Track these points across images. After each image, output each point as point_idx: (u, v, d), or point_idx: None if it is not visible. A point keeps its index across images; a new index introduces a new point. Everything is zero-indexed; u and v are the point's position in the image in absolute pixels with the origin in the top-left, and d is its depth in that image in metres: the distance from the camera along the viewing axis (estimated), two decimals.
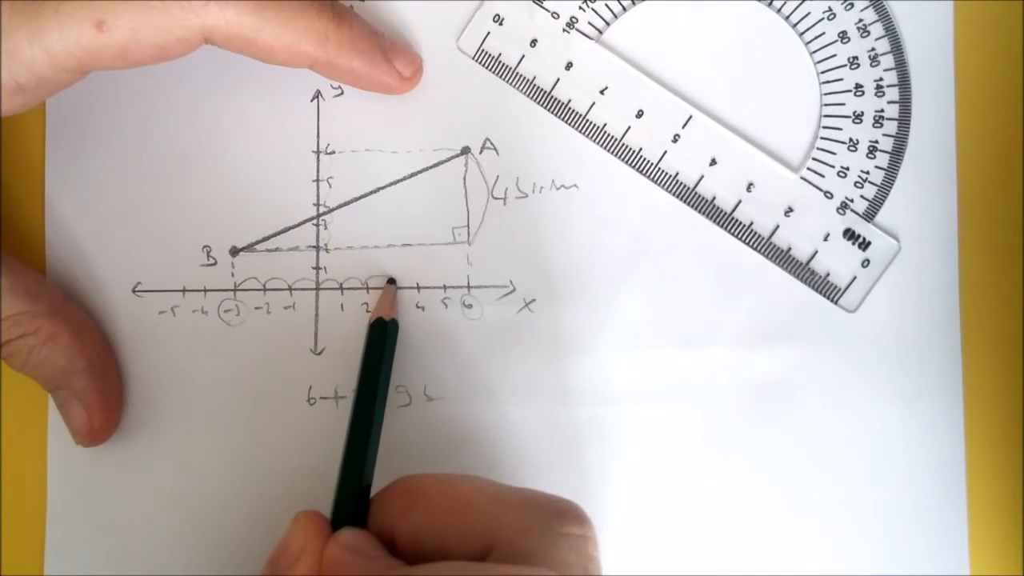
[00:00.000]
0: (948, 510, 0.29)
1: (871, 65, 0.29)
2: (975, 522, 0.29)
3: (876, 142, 0.29)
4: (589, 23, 0.30)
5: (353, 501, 0.25)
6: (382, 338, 0.28)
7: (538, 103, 0.30)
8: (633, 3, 0.30)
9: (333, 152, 0.30)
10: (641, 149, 0.30)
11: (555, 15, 0.30)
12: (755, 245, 0.30)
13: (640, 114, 0.30)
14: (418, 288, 0.29)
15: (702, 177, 0.30)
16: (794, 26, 0.30)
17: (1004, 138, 0.30)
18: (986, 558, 0.29)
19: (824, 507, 0.29)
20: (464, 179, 0.30)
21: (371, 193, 0.30)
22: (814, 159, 0.30)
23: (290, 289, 0.30)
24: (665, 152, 0.30)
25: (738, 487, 0.29)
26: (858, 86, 0.30)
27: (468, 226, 0.30)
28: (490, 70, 0.30)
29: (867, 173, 0.29)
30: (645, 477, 0.29)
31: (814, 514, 0.29)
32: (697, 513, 0.29)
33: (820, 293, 0.30)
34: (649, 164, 0.30)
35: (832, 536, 0.29)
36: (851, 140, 0.30)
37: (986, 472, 0.29)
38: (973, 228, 0.30)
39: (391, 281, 0.29)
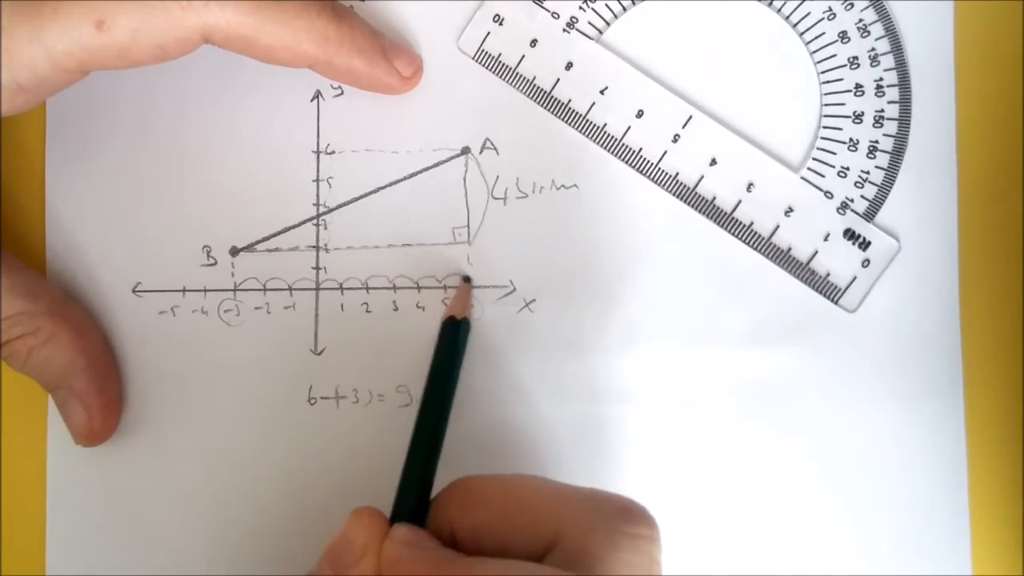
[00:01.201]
0: (949, 510, 0.29)
1: (871, 65, 0.29)
2: (976, 522, 0.29)
3: (876, 142, 0.29)
4: (589, 23, 0.30)
5: (415, 499, 0.25)
6: (454, 337, 0.28)
7: (538, 103, 0.30)
8: (633, 3, 0.30)
9: (333, 152, 0.30)
10: (641, 149, 0.30)
11: (555, 15, 0.30)
12: (755, 245, 0.30)
13: (640, 114, 0.30)
14: (418, 288, 0.29)
15: (702, 177, 0.30)
16: (794, 26, 0.30)
17: (1004, 138, 0.30)
18: (988, 558, 0.29)
19: (824, 507, 0.29)
20: (464, 179, 0.30)
21: (371, 193, 0.30)
22: (814, 159, 0.30)
23: (290, 289, 0.30)
24: (665, 152, 0.30)
25: (738, 487, 0.29)
26: (858, 86, 0.30)
27: (468, 226, 0.30)
28: (490, 70, 0.30)
29: (867, 173, 0.29)
30: (645, 477, 0.29)
31: (814, 514, 0.29)
32: (697, 513, 0.29)
33: (820, 293, 0.30)
34: (649, 164, 0.30)
35: (832, 536, 0.29)
36: (851, 140, 0.30)
37: (987, 471, 0.29)
38: (973, 228, 0.30)
39: (467, 279, 0.29)
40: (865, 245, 0.29)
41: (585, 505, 0.23)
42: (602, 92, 0.30)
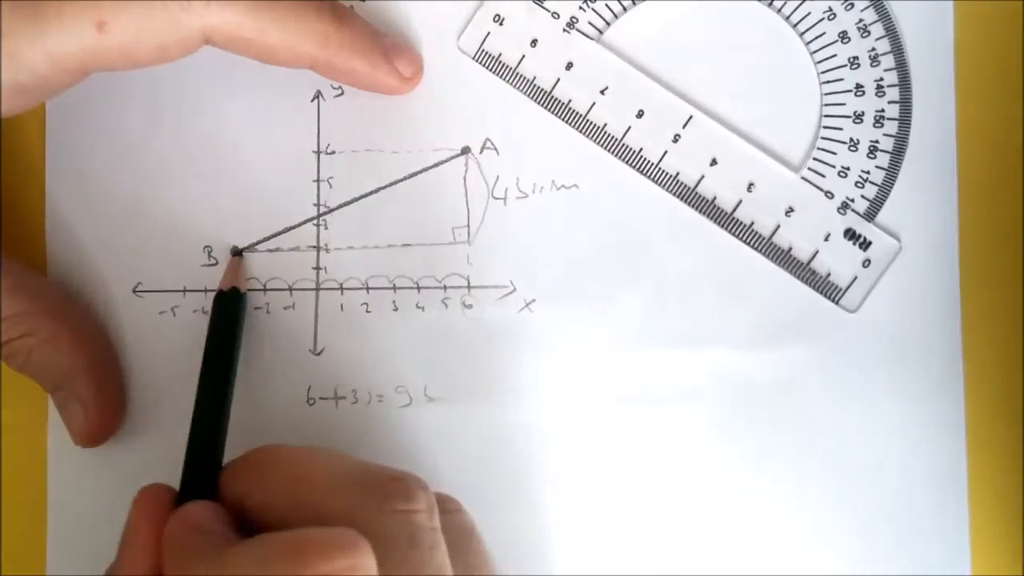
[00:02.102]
0: (949, 510, 0.29)
1: (871, 65, 0.29)
2: (976, 522, 0.29)
3: (877, 142, 0.29)
4: (589, 23, 0.30)
5: (202, 473, 0.25)
6: (226, 308, 0.28)
7: (538, 103, 0.30)
8: (633, 3, 0.30)
9: (333, 152, 0.30)
10: (641, 149, 0.30)
11: (555, 15, 0.30)
12: (756, 245, 0.30)
13: (640, 114, 0.30)
14: (418, 288, 0.29)
15: (703, 177, 0.30)
16: (794, 26, 0.30)
17: (1004, 137, 0.30)
18: (988, 558, 0.29)
19: (825, 507, 0.29)
20: (464, 179, 0.30)
21: (371, 193, 0.30)
22: (815, 159, 0.30)
23: (290, 289, 0.29)
24: (665, 152, 0.30)
25: (738, 487, 0.29)
26: (858, 86, 0.30)
27: (468, 226, 0.30)
28: (490, 70, 0.30)
29: (868, 173, 0.29)
30: (645, 477, 0.29)
31: (814, 514, 0.29)
32: (697, 513, 0.29)
33: (821, 293, 0.30)
34: (649, 164, 0.30)
35: (833, 536, 0.29)
36: (852, 140, 0.29)
37: (987, 472, 0.29)
38: (974, 227, 0.30)
39: (237, 253, 0.29)
40: (866, 245, 0.29)
41: (351, 485, 0.23)
42: (602, 92, 0.30)
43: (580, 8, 0.30)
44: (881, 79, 0.29)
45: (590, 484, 0.29)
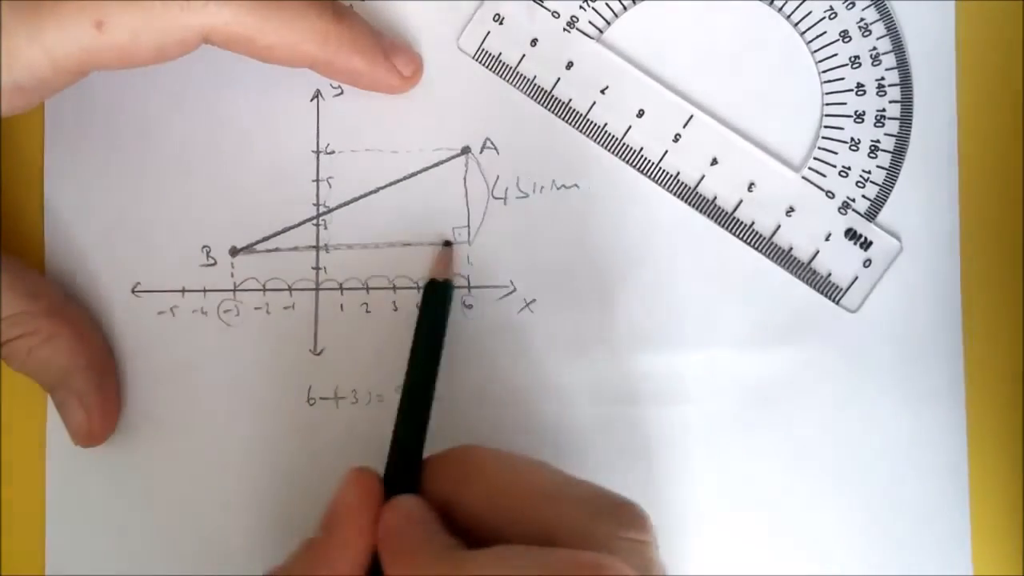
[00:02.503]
0: (951, 510, 0.29)
1: (872, 64, 0.29)
2: (978, 522, 0.29)
3: (878, 141, 0.29)
4: (590, 22, 0.30)
5: (407, 464, 0.25)
6: (438, 298, 0.28)
7: (538, 103, 0.30)
8: (634, 2, 0.30)
9: (333, 152, 0.30)
10: (642, 149, 0.30)
11: (555, 14, 0.30)
12: (756, 245, 0.30)
13: (641, 113, 0.30)
14: (418, 288, 0.29)
15: (703, 177, 0.30)
16: (795, 25, 0.30)
17: (1006, 137, 0.30)
18: (988, 558, 0.29)
19: (824, 507, 0.29)
20: (464, 179, 0.30)
21: (371, 193, 0.30)
22: (815, 159, 0.30)
23: (290, 289, 0.29)
24: (666, 152, 0.30)
25: (739, 487, 0.29)
26: (859, 85, 0.29)
27: (468, 226, 0.30)
28: (490, 69, 0.30)
29: (869, 173, 0.29)
30: (645, 477, 0.29)
31: (815, 514, 0.29)
32: (698, 513, 0.29)
33: (821, 293, 0.29)
34: (650, 164, 0.30)
35: (833, 536, 0.29)
36: (853, 139, 0.29)
37: (989, 472, 0.29)
38: (975, 227, 0.30)
39: (448, 244, 0.29)
40: (867, 245, 0.29)
41: (582, 503, 0.23)
42: (603, 91, 0.30)
43: (580, 7, 0.30)
44: (882, 78, 0.29)
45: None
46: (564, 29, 0.30)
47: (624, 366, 0.29)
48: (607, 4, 0.30)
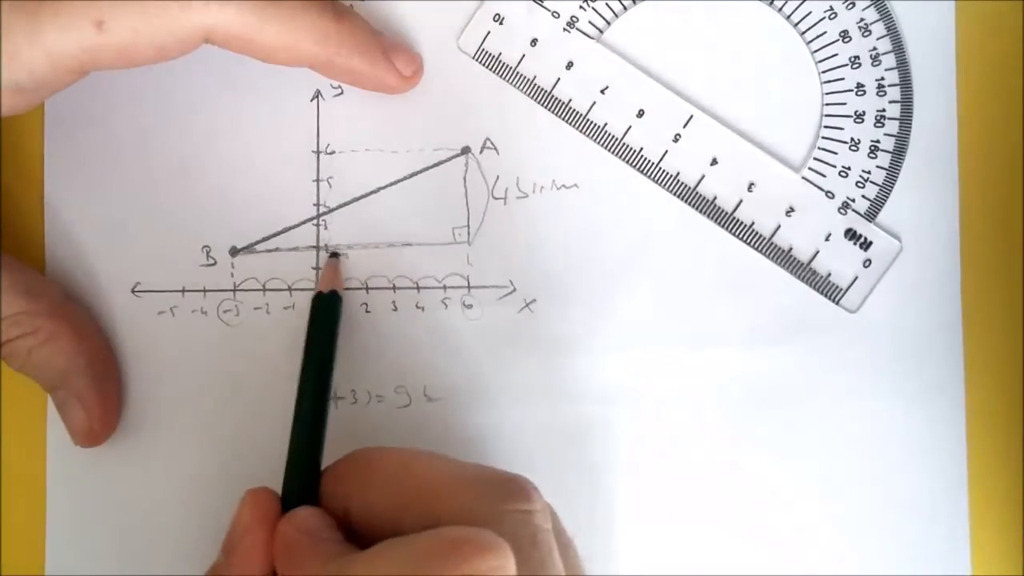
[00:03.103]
0: (950, 510, 0.29)
1: (872, 64, 0.29)
2: (977, 522, 0.29)
3: (877, 141, 0.29)
4: (590, 22, 0.30)
5: (303, 478, 0.25)
6: (326, 310, 0.28)
7: (538, 103, 0.30)
8: (634, 2, 0.30)
9: (333, 152, 0.30)
10: (642, 149, 0.30)
11: (555, 14, 0.30)
12: (756, 245, 0.30)
13: (641, 113, 0.30)
14: (418, 288, 0.29)
15: (703, 177, 0.30)
16: (795, 25, 0.30)
17: (1006, 137, 0.30)
18: (988, 558, 0.29)
19: (824, 507, 0.29)
20: (464, 179, 0.30)
21: (371, 193, 0.30)
22: (815, 159, 0.30)
23: (290, 289, 0.29)
24: (666, 152, 0.30)
25: (739, 487, 0.29)
26: (859, 85, 0.29)
27: (468, 226, 0.30)
28: (490, 69, 0.30)
29: (868, 173, 0.29)
30: (645, 478, 0.29)
31: (815, 514, 0.29)
32: (697, 513, 0.29)
33: (821, 293, 0.29)
34: (650, 164, 0.30)
35: (833, 536, 0.29)
36: (852, 140, 0.29)
37: (988, 472, 0.29)
38: (975, 227, 0.30)
39: (334, 256, 0.29)
40: (866, 245, 0.29)
41: (468, 486, 0.23)
42: (603, 91, 0.30)
43: (580, 7, 0.30)
44: (882, 78, 0.29)
45: (590, 484, 0.29)
46: (564, 29, 0.30)
47: (624, 366, 0.29)
48: (607, 4, 0.30)
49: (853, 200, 0.29)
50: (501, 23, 0.30)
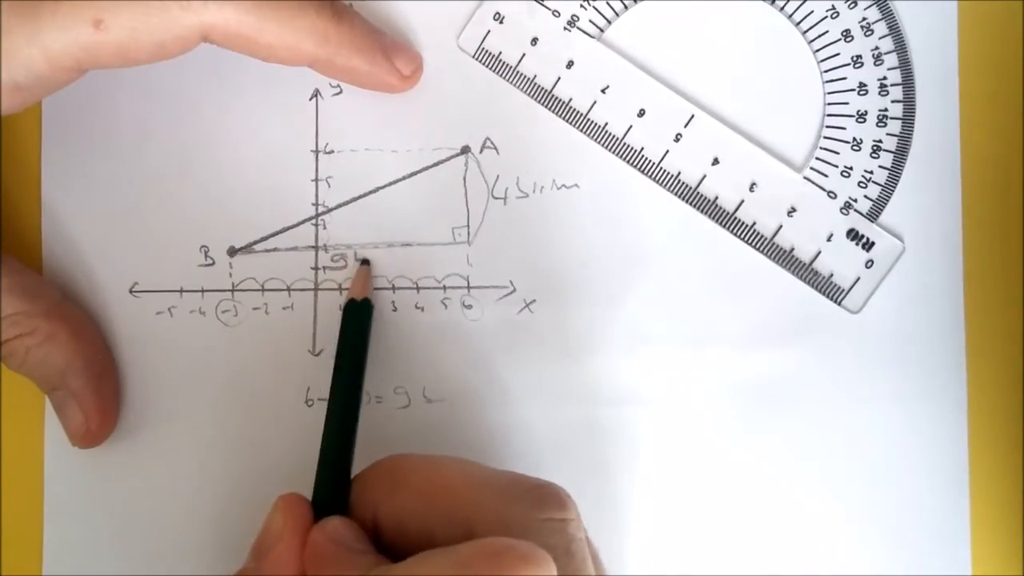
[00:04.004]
0: (951, 511, 0.29)
1: (875, 64, 0.29)
2: (977, 523, 0.29)
3: (880, 141, 0.29)
4: (590, 21, 0.30)
5: (334, 484, 0.25)
6: (358, 318, 0.28)
7: (539, 102, 0.30)
8: (635, 1, 0.30)
9: (332, 151, 0.30)
10: (643, 148, 0.30)
11: (556, 13, 0.30)
12: (758, 245, 0.29)
13: (642, 113, 0.29)
14: (418, 288, 0.29)
15: (704, 177, 0.29)
16: (797, 24, 0.30)
17: (1008, 137, 0.30)
18: (988, 558, 0.29)
19: (826, 507, 0.29)
20: (464, 179, 0.30)
21: (371, 193, 0.30)
22: (817, 159, 0.29)
23: (288, 290, 0.29)
24: (667, 151, 0.30)
25: (739, 488, 0.29)
26: (862, 85, 0.29)
27: (468, 226, 0.29)
28: (491, 69, 0.30)
29: (871, 173, 0.29)
30: (645, 478, 0.29)
31: (816, 514, 0.29)
32: (698, 513, 0.29)
33: (823, 294, 0.29)
34: (651, 163, 0.30)
35: (834, 536, 0.29)
36: (855, 139, 0.29)
37: (989, 473, 0.29)
38: (977, 228, 0.30)
39: (365, 262, 0.29)
40: (869, 245, 0.29)
41: (501, 491, 0.23)
42: (603, 91, 0.30)
43: (581, 6, 0.30)
44: (884, 78, 0.29)
45: (590, 484, 0.29)
46: (565, 28, 0.30)
47: (625, 367, 0.29)
48: (608, 3, 0.30)
49: (855, 200, 0.29)
50: (501, 22, 0.30)
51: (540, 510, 0.23)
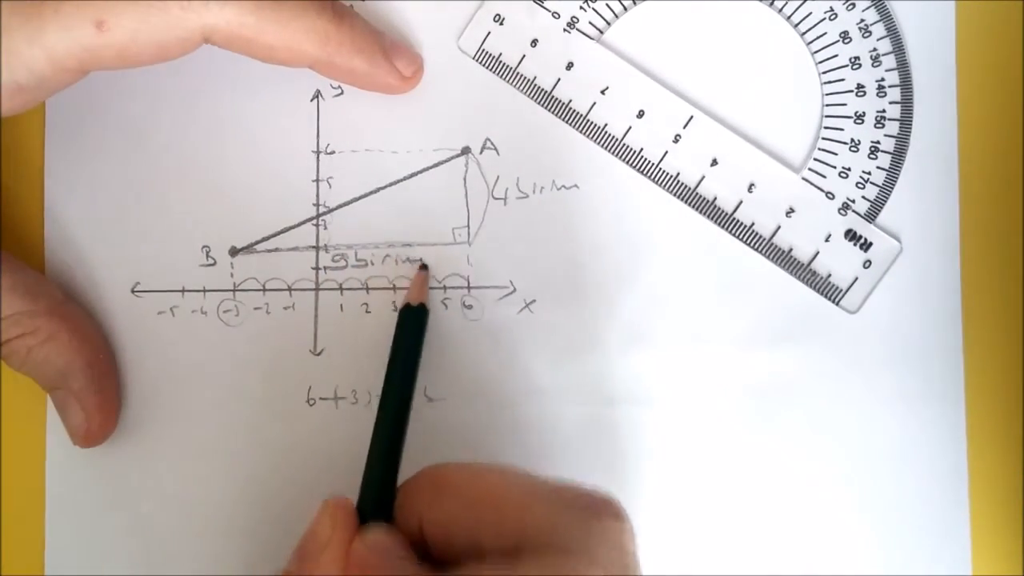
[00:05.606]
0: (950, 511, 0.29)
1: (873, 65, 0.29)
2: (977, 523, 0.29)
3: (878, 142, 0.29)
4: (590, 23, 0.30)
5: (380, 491, 0.25)
6: (413, 324, 0.28)
7: (539, 103, 0.30)
8: (634, 3, 0.30)
9: (333, 152, 0.30)
10: (642, 149, 0.30)
11: (556, 15, 0.30)
12: (756, 246, 0.30)
13: (641, 114, 0.30)
14: None
15: (703, 177, 0.30)
16: (795, 26, 0.30)
17: (1006, 138, 0.30)
18: (988, 558, 0.29)
19: (825, 508, 0.29)
20: (464, 179, 0.30)
21: (371, 193, 0.30)
22: (815, 160, 0.30)
23: (289, 289, 0.29)
24: (666, 152, 0.30)
25: (738, 487, 0.29)
26: (860, 86, 0.29)
27: (468, 226, 0.30)
28: (491, 70, 0.30)
29: (869, 174, 0.29)
30: (645, 478, 0.29)
31: (815, 514, 0.29)
32: (698, 513, 0.29)
33: (821, 294, 0.29)
34: (650, 164, 0.30)
35: (833, 536, 0.29)
36: (853, 140, 0.29)
37: (988, 472, 0.29)
38: (975, 229, 0.30)
39: (424, 267, 0.29)
40: (866, 246, 0.29)
41: (553, 499, 0.23)
42: (603, 92, 0.30)
43: (580, 8, 0.30)
44: (882, 79, 0.29)
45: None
46: (564, 29, 0.30)
47: (624, 367, 0.29)
48: (607, 4, 0.30)
49: (853, 201, 0.29)
50: (501, 23, 0.30)
51: (596, 519, 0.22)
